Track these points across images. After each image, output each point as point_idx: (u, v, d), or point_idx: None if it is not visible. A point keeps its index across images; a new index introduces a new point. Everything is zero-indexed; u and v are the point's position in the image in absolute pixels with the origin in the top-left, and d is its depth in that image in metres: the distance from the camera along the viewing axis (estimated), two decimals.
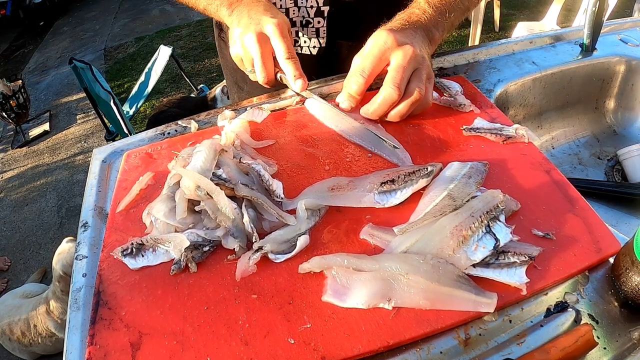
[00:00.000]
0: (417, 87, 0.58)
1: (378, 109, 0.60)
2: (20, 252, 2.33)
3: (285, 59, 0.63)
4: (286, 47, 0.62)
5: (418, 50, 0.58)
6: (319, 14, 0.78)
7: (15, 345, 1.59)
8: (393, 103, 0.59)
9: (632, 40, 0.85)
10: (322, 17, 0.79)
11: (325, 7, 0.78)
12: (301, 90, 0.64)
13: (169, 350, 0.40)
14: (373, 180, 0.52)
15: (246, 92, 0.96)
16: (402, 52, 0.57)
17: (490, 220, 0.45)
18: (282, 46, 0.62)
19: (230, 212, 0.49)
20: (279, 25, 0.62)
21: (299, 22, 0.79)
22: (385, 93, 0.58)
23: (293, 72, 0.63)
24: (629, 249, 0.41)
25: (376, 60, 0.58)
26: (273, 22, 0.62)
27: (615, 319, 0.41)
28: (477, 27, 2.90)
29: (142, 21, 5.08)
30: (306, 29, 0.81)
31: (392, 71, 0.57)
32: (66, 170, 2.89)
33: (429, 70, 0.60)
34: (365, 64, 0.59)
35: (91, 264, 0.52)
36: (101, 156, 0.68)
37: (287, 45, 0.62)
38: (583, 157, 0.84)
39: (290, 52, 0.63)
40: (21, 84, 3.16)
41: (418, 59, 0.58)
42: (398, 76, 0.57)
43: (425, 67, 0.59)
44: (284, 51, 0.62)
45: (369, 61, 0.59)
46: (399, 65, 0.57)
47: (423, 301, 0.41)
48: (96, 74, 2.20)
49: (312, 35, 0.82)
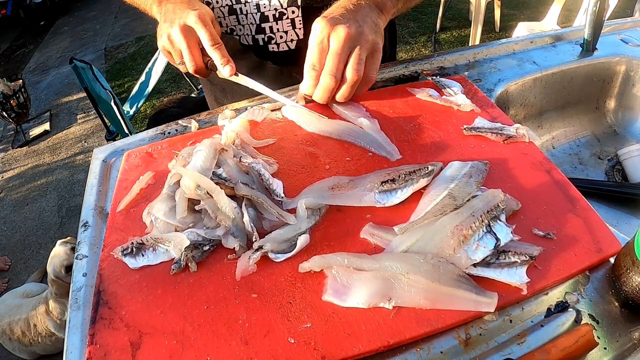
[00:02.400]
0: (354, 69, 0.60)
1: (322, 96, 0.63)
2: (20, 251, 2.33)
3: (210, 46, 0.64)
4: (209, 35, 0.64)
5: (353, 29, 0.59)
6: (292, 3, 0.76)
7: (16, 345, 1.59)
8: (333, 89, 0.62)
9: (632, 40, 0.84)
10: (296, 6, 0.76)
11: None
12: (230, 75, 0.66)
13: (169, 350, 0.40)
14: (373, 180, 0.52)
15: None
16: (335, 36, 0.58)
17: (491, 220, 0.45)
18: (205, 35, 0.64)
19: (230, 212, 0.49)
20: (200, 16, 0.64)
21: (272, 16, 0.77)
22: (323, 82, 0.61)
23: (219, 59, 0.65)
24: (630, 249, 0.41)
25: (319, 50, 0.60)
26: (194, 14, 0.63)
27: (616, 319, 0.41)
28: (478, 27, 2.89)
29: (142, 21, 5.07)
30: (280, 22, 0.78)
31: (328, 59, 0.60)
32: (66, 169, 2.89)
33: (371, 45, 0.61)
34: (313, 58, 0.61)
35: (91, 263, 0.52)
36: (101, 156, 0.68)
37: (210, 33, 0.64)
38: (583, 157, 0.84)
39: (214, 39, 0.64)
40: (21, 83, 3.16)
41: (353, 37, 0.59)
42: (333, 64, 0.59)
43: (364, 43, 0.60)
44: (208, 39, 0.64)
45: (314, 54, 0.60)
46: (333, 51, 0.59)
47: (423, 301, 0.41)
48: (97, 74, 2.20)
49: (287, 27, 0.79)
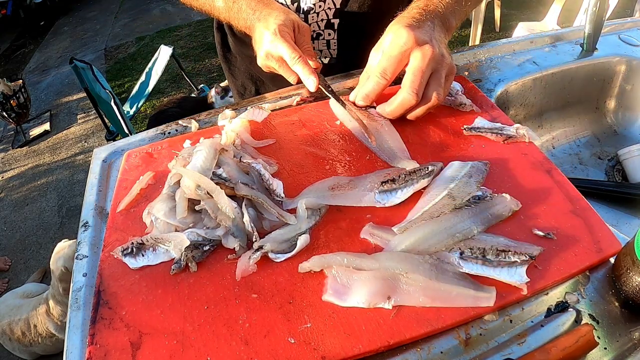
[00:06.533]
0: (435, 91, 0.57)
1: (395, 111, 0.60)
2: (20, 252, 2.33)
3: (292, 64, 0.62)
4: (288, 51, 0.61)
5: (437, 49, 0.56)
6: (329, 26, 0.80)
7: (16, 345, 1.59)
8: (410, 107, 0.59)
9: (632, 40, 0.84)
10: (333, 29, 0.80)
11: (336, 20, 0.79)
12: (315, 90, 0.63)
13: (169, 350, 0.40)
14: (373, 180, 0.52)
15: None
16: (421, 53, 0.55)
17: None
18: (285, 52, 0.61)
19: (230, 212, 0.49)
20: (278, 32, 0.62)
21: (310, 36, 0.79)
22: (403, 98, 0.57)
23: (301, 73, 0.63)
24: (630, 248, 0.41)
25: (397, 61, 0.57)
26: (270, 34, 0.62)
27: (616, 319, 0.41)
28: (478, 27, 2.89)
29: (142, 21, 5.08)
30: (317, 42, 0.82)
31: (411, 74, 0.56)
32: (67, 170, 2.89)
33: (448, 68, 0.59)
34: (387, 66, 0.58)
35: (91, 263, 0.52)
36: (102, 156, 0.68)
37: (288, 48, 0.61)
38: (583, 157, 0.84)
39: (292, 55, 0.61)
40: (22, 83, 3.16)
41: (437, 58, 0.56)
42: (417, 80, 0.56)
43: (444, 66, 0.58)
44: (287, 57, 0.62)
45: (390, 63, 0.57)
46: (417, 67, 0.56)
47: (423, 298, 0.41)
48: (97, 74, 2.20)
49: (322, 47, 0.83)
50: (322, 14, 0.78)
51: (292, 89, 0.76)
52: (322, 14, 0.78)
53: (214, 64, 3.75)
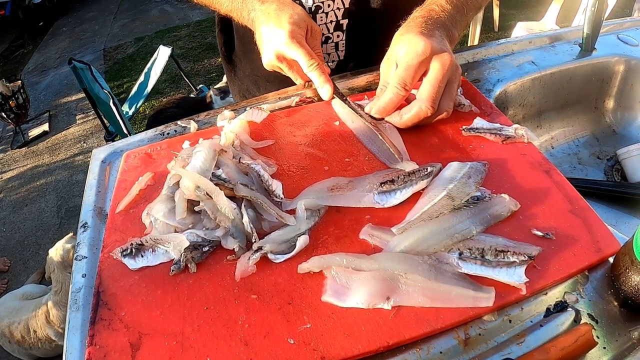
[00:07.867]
0: (447, 105, 0.57)
1: (409, 122, 0.58)
2: (19, 252, 2.33)
3: (307, 70, 0.62)
4: (303, 57, 0.61)
5: (453, 58, 0.55)
6: (338, 28, 0.79)
7: (15, 348, 1.59)
8: (425, 118, 0.58)
9: (631, 40, 0.85)
10: (342, 30, 0.79)
11: (344, 21, 0.78)
12: (329, 98, 0.63)
13: (168, 351, 0.40)
14: (372, 181, 0.52)
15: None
16: (439, 62, 0.54)
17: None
18: (299, 57, 0.61)
19: (229, 213, 0.49)
20: (291, 35, 0.61)
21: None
22: (420, 109, 0.56)
23: (317, 80, 0.62)
24: (629, 248, 0.41)
25: (415, 71, 0.55)
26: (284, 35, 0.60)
27: (615, 318, 0.41)
28: (477, 27, 2.89)
29: (141, 21, 5.08)
30: (325, 46, 0.81)
31: (429, 85, 0.55)
32: (66, 170, 2.89)
33: (459, 79, 0.58)
34: (405, 76, 0.56)
35: (91, 264, 0.52)
36: (101, 156, 0.68)
37: (304, 53, 0.60)
38: (582, 156, 0.84)
39: (308, 61, 0.61)
40: (20, 84, 3.16)
41: (453, 68, 0.56)
42: (434, 92, 0.55)
43: (457, 77, 0.57)
44: (303, 63, 0.61)
45: (409, 73, 0.55)
46: (435, 78, 0.55)
47: (422, 299, 0.41)
48: (95, 75, 2.20)
49: (330, 50, 0.82)
50: (331, 15, 0.77)
51: (291, 89, 0.76)
52: (331, 15, 0.77)
53: (212, 64, 3.76)
